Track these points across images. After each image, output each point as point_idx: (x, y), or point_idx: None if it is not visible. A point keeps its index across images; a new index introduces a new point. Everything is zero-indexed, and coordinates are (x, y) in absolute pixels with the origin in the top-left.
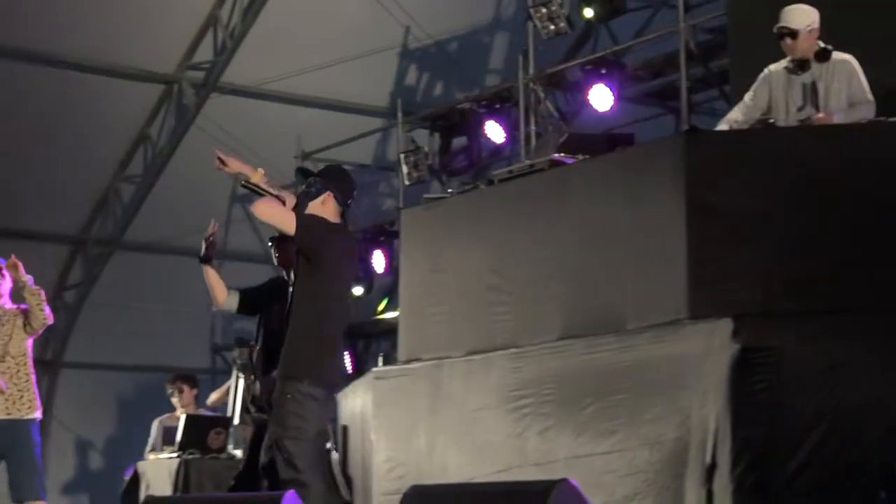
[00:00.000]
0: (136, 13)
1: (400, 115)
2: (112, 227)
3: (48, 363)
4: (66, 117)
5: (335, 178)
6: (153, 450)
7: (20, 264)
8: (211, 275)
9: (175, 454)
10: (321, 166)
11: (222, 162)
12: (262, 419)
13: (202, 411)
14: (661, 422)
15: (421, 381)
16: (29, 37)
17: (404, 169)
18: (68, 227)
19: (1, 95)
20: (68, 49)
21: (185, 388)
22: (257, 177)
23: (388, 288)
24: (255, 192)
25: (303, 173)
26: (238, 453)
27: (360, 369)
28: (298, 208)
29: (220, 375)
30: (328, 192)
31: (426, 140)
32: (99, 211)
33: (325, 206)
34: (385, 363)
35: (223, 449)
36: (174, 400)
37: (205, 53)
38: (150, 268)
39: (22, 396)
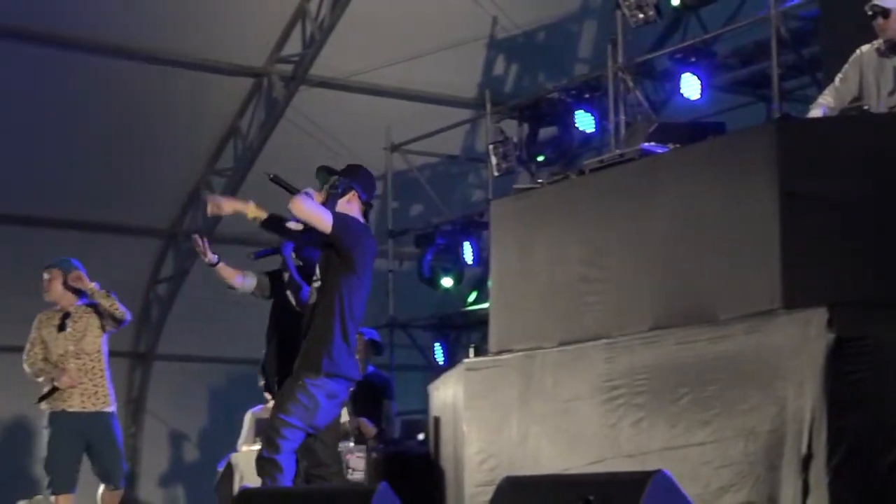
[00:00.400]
0: (227, 7)
1: (488, 105)
2: (203, 220)
3: (141, 356)
4: (157, 112)
5: (359, 177)
6: (246, 442)
7: (82, 274)
8: (222, 271)
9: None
10: (410, 158)
11: (217, 206)
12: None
13: None
14: (756, 412)
15: (512, 372)
16: (122, 33)
17: (493, 160)
18: (161, 220)
19: (95, 91)
20: (160, 44)
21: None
22: (251, 210)
23: (478, 279)
24: (286, 189)
25: (326, 171)
26: None
27: (451, 361)
28: (327, 205)
29: None
30: (353, 191)
31: (515, 130)
32: (191, 204)
33: (350, 205)
34: (476, 354)
35: None
36: (266, 392)
37: (294, 46)
38: (242, 260)
39: (97, 392)
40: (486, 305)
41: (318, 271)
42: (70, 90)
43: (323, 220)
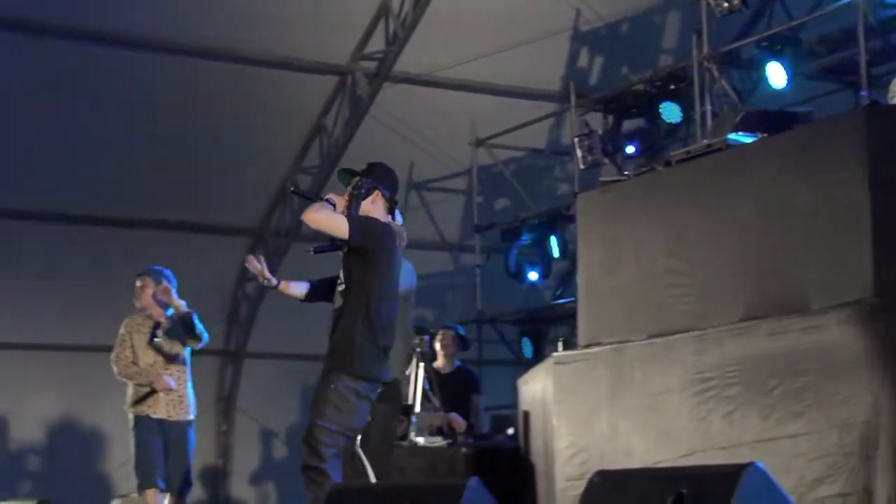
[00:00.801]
0: (310, 6)
1: (573, 98)
2: (290, 219)
3: (231, 354)
4: (243, 112)
5: (381, 175)
6: None
7: (171, 290)
8: (286, 290)
9: (358, 443)
10: (495, 153)
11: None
12: None
13: None
14: (849, 403)
15: (601, 366)
16: (207, 34)
17: (578, 153)
18: (248, 219)
19: (182, 92)
20: (244, 44)
21: None
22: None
23: (565, 273)
24: (305, 198)
25: (347, 173)
26: (420, 441)
27: (540, 355)
28: (351, 209)
29: None
30: (377, 191)
31: (600, 123)
32: (278, 203)
33: (374, 205)
34: (565, 348)
35: (405, 437)
36: None
37: (377, 43)
38: (329, 258)
39: (181, 401)
40: (573, 299)
41: (341, 274)
42: (157, 92)
43: (339, 228)
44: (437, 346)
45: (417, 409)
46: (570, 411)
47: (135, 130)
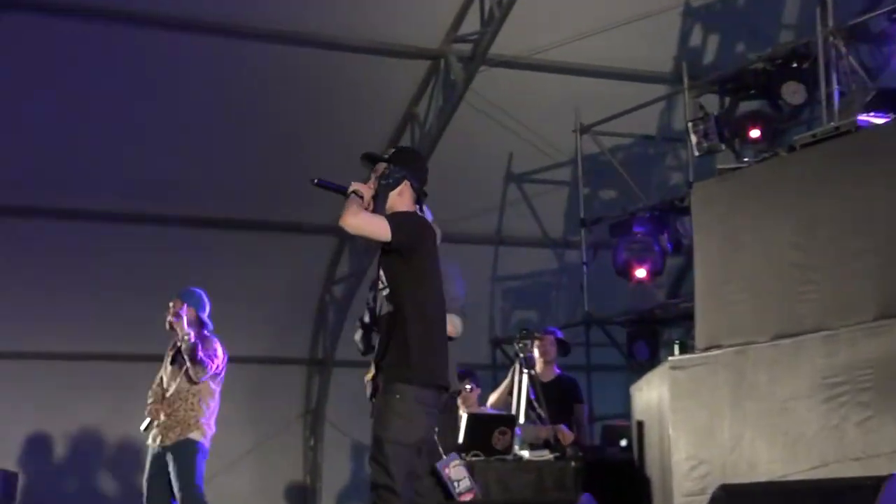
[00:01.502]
0: None
1: (686, 79)
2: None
3: (319, 362)
4: (330, 103)
5: (410, 163)
6: None
7: (181, 316)
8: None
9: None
10: (602, 140)
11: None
12: None
13: (485, 410)
14: None
15: (722, 370)
16: (289, 18)
17: (693, 138)
18: (335, 216)
19: (264, 82)
20: (329, 28)
21: (467, 385)
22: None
23: (680, 269)
24: (335, 191)
25: (370, 159)
26: (525, 454)
27: (653, 359)
28: (378, 200)
29: (501, 371)
30: (406, 181)
31: (716, 106)
32: None
33: (402, 196)
34: (681, 351)
35: (509, 450)
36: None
37: (471, 24)
38: None
39: (177, 425)
40: (689, 298)
41: (382, 276)
42: (237, 82)
43: (380, 230)
44: (536, 352)
45: (521, 420)
46: (689, 420)
47: (215, 125)
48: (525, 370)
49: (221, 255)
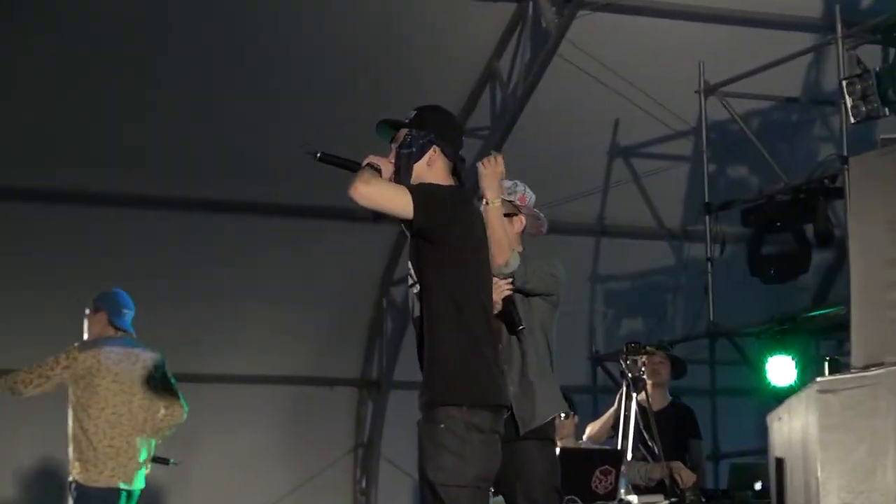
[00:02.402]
0: None
1: (839, 27)
2: None
3: (373, 383)
4: (392, 65)
5: (438, 126)
6: None
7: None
8: None
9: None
10: (732, 104)
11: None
12: None
13: (583, 443)
14: None
15: (886, 393)
16: None
17: (848, 101)
18: None
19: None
20: None
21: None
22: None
23: (829, 267)
24: (342, 166)
25: (390, 125)
26: (633, 500)
27: (799, 381)
28: (401, 176)
29: (603, 395)
30: (433, 148)
31: (877, 60)
32: None
33: (432, 168)
34: (833, 371)
35: (613, 494)
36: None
37: None
38: None
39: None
40: (843, 303)
41: (411, 270)
42: (285, 38)
43: (400, 205)
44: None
45: (629, 456)
46: (843, 457)
47: (268, 100)
48: (633, 394)
49: (253, 246)
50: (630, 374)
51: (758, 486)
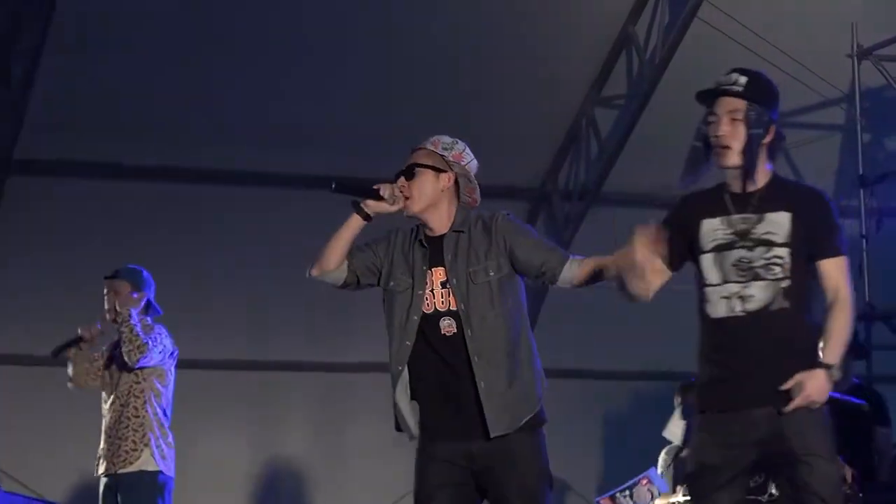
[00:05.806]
0: None
1: None
2: (585, 174)
3: None
4: (514, 27)
5: (771, 98)
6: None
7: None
8: None
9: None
10: (889, 69)
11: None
12: None
13: None
14: None
15: None
16: None
17: None
18: (525, 176)
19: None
20: None
21: None
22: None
23: None
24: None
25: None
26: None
27: None
28: (747, 158)
29: None
30: (773, 125)
31: None
32: (566, 151)
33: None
34: None
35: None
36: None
37: None
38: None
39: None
40: None
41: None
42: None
43: None
44: None
45: None
46: None
47: (349, 62)
48: None
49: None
50: None
51: None
